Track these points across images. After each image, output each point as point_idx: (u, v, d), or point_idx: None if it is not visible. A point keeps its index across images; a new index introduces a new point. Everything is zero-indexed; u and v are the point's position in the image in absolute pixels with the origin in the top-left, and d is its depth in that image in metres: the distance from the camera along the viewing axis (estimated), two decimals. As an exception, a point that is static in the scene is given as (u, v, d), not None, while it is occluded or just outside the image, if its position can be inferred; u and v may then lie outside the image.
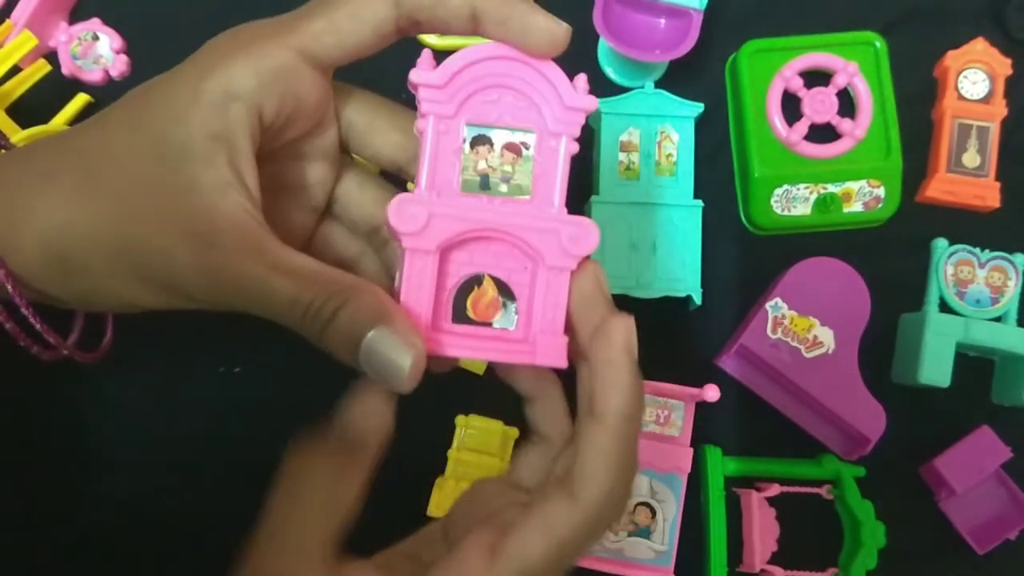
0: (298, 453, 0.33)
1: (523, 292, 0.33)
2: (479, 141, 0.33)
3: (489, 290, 0.33)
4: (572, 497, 0.31)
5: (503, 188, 0.33)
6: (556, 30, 0.32)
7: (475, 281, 0.33)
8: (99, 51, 0.63)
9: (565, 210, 0.33)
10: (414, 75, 0.32)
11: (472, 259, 0.33)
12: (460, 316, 0.33)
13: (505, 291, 0.34)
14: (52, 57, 0.63)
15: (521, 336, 0.33)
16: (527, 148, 0.33)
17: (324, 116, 0.36)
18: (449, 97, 0.32)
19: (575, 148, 0.33)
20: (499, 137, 0.33)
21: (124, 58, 0.64)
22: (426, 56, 0.33)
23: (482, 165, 0.33)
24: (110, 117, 0.34)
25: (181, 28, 0.64)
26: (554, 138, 0.33)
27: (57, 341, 0.37)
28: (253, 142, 0.32)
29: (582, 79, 0.33)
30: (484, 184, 0.33)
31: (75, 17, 0.65)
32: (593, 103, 0.33)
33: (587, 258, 0.33)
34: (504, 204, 0.33)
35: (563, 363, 0.33)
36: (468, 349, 0.32)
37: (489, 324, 0.33)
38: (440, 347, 0.32)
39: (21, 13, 0.61)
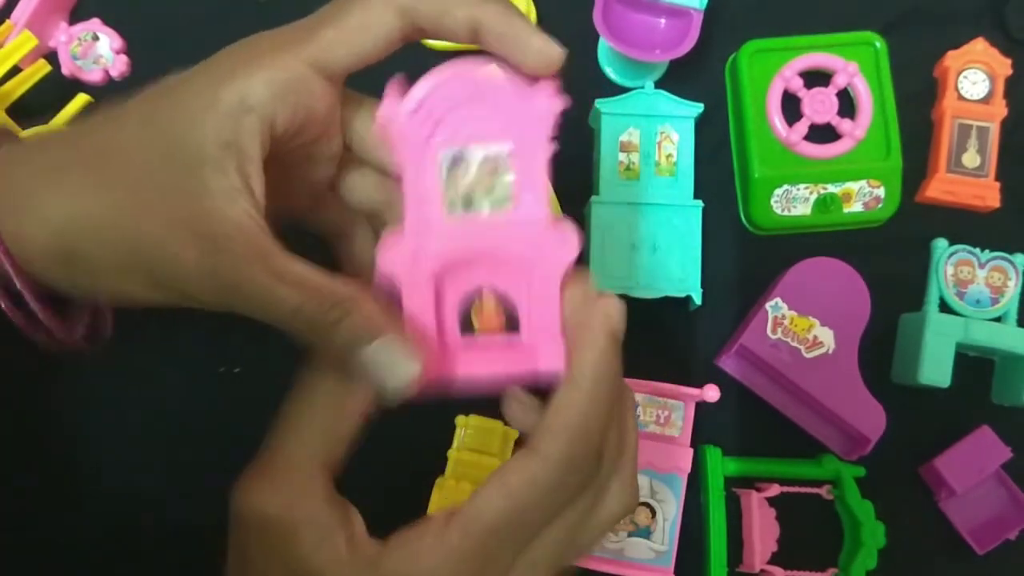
0: (307, 371, 0.34)
1: (523, 300, 0.34)
2: (456, 163, 0.33)
3: (488, 302, 0.34)
4: (530, 451, 0.31)
5: (486, 204, 0.33)
6: (551, 52, 0.33)
7: (475, 295, 0.34)
8: (99, 51, 0.63)
9: (550, 214, 0.34)
10: (382, 113, 0.33)
11: (469, 276, 0.34)
12: (467, 330, 0.34)
13: (506, 301, 0.34)
14: (52, 57, 0.63)
15: (527, 342, 0.34)
16: (505, 160, 0.33)
17: (331, 124, 0.36)
18: (420, 126, 0.33)
19: (552, 150, 0.34)
20: (475, 155, 0.33)
21: (124, 58, 0.64)
22: (392, 89, 0.33)
23: (463, 185, 0.33)
24: (123, 114, 0.34)
25: (181, 28, 0.65)
26: (528, 145, 0.33)
27: (61, 332, 0.38)
28: (263, 151, 0.33)
29: (547, 83, 0.33)
30: (468, 203, 0.33)
31: (75, 17, 0.65)
32: (560, 104, 0.33)
33: (578, 264, 0.33)
34: (490, 219, 0.33)
35: (560, 366, 0.33)
36: (478, 365, 0.33)
37: (495, 333, 0.34)
38: (452, 368, 0.33)
39: (21, 13, 0.61)
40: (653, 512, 0.57)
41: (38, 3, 0.61)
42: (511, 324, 0.34)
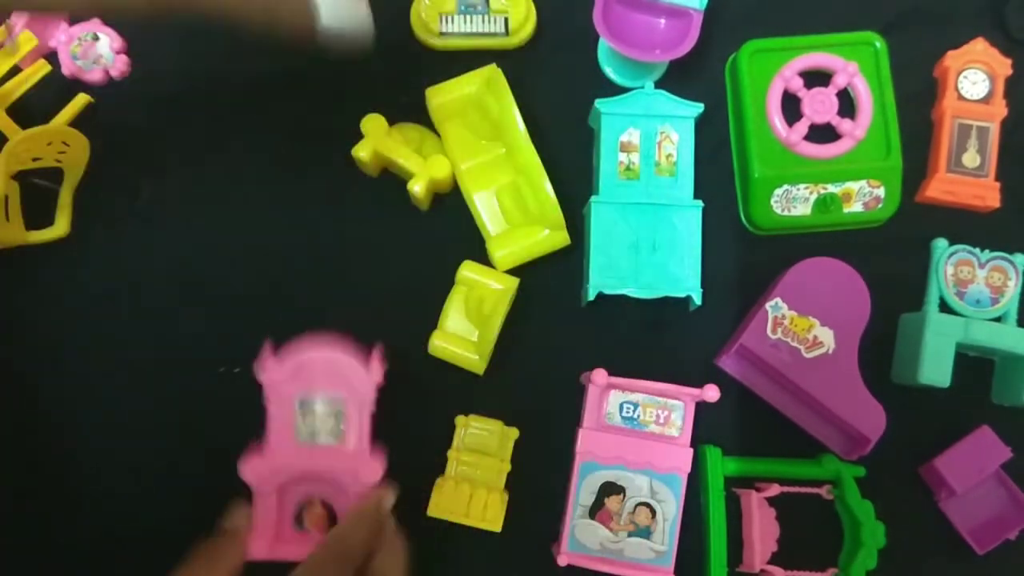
0: (202, 545, 0.48)
1: (340, 508, 0.51)
2: (306, 407, 0.50)
3: (317, 507, 0.51)
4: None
5: (324, 435, 0.51)
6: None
7: (308, 502, 0.51)
8: (99, 51, 0.63)
9: (368, 448, 0.50)
10: (259, 369, 0.50)
11: (306, 487, 0.51)
12: (299, 526, 0.51)
13: (329, 507, 0.51)
14: (52, 57, 0.63)
15: None
16: (341, 409, 0.51)
17: None
18: (285, 381, 0.50)
19: (372, 409, 0.51)
20: (319, 403, 0.50)
21: (124, 58, 0.64)
22: (267, 351, 0.50)
23: (309, 423, 0.50)
24: None
25: (179, 27, 0.65)
26: (358, 402, 0.50)
27: None
28: None
29: (376, 358, 0.51)
30: (312, 433, 0.50)
31: (75, 17, 0.65)
32: (379, 377, 0.51)
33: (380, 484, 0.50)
34: (324, 448, 0.50)
35: None
36: (299, 550, 0.47)
37: (319, 530, 0.51)
38: (281, 552, 0.49)
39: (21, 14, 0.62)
40: (653, 512, 0.57)
41: (38, 4, 0.62)
42: (332, 523, 0.51)
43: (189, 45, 0.64)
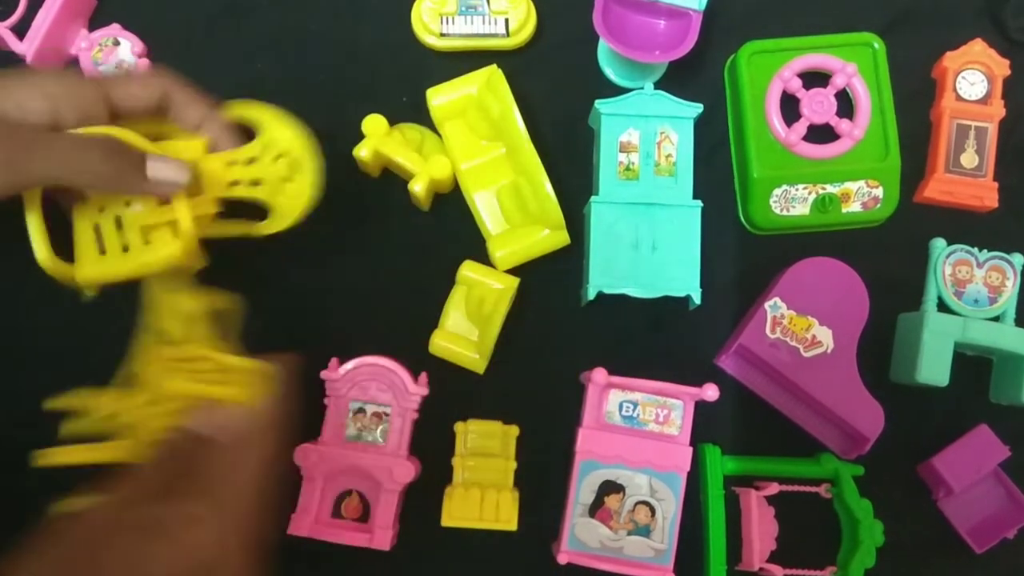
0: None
1: (374, 501, 0.57)
2: (359, 411, 0.58)
3: (354, 500, 0.58)
4: None
5: (370, 437, 0.58)
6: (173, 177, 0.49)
7: (347, 493, 0.58)
8: (120, 56, 0.63)
9: (406, 451, 0.57)
10: (325, 374, 0.58)
11: (347, 480, 0.58)
12: (336, 513, 0.58)
13: (365, 500, 0.58)
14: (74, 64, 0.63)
15: (369, 529, 0.57)
16: (387, 415, 0.58)
17: None
18: (343, 385, 0.58)
19: (415, 416, 0.58)
20: (370, 409, 0.58)
21: (146, 62, 0.63)
22: (334, 363, 0.58)
23: (359, 424, 0.58)
24: None
25: (200, 28, 0.65)
26: (402, 410, 0.58)
27: None
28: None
29: (422, 377, 0.58)
30: (359, 435, 0.58)
31: (94, 23, 0.65)
32: (423, 391, 0.58)
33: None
34: (366, 449, 0.58)
35: (386, 546, 0.56)
36: (338, 536, 0.56)
37: (354, 520, 0.58)
38: (317, 533, 0.56)
39: (41, 21, 0.61)
40: (653, 511, 0.57)
41: (58, 11, 0.61)
42: (365, 516, 0.58)
43: (210, 45, 0.65)
